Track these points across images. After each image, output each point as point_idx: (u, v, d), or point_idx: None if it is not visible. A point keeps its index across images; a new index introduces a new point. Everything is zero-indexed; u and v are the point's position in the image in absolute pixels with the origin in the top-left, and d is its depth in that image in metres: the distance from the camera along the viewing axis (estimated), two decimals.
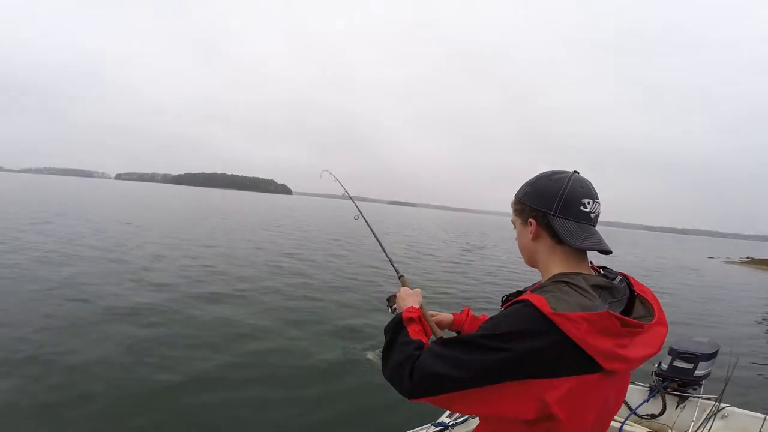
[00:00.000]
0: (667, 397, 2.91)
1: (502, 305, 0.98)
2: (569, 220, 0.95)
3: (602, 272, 0.99)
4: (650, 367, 3.17)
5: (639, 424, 2.77)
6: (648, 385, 3.08)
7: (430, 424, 2.35)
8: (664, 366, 3.04)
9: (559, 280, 0.91)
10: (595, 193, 0.99)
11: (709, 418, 2.46)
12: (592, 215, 0.97)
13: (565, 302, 0.83)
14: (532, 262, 1.06)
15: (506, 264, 15.79)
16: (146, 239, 13.07)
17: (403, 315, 1.09)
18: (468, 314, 1.42)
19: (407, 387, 0.89)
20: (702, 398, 2.87)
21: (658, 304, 0.95)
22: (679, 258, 32.39)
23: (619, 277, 0.96)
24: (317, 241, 17.15)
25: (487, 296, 9.17)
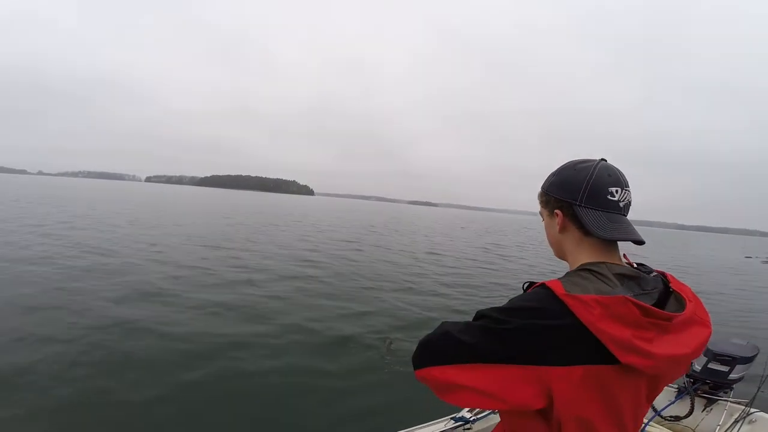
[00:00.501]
0: (696, 399, 2.80)
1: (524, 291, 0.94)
2: (596, 209, 0.91)
3: (636, 266, 0.93)
4: None
5: (661, 425, 2.68)
6: (676, 386, 2.96)
7: (449, 418, 2.30)
8: (697, 367, 2.91)
9: (581, 268, 0.88)
10: (625, 180, 0.93)
11: (737, 422, 2.35)
12: (621, 204, 0.91)
13: (581, 287, 0.79)
14: (560, 254, 1.02)
15: None
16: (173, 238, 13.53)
17: None
18: None
19: (418, 349, 0.87)
20: (731, 402, 2.74)
21: (699, 301, 0.87)
22: (714, 258, 31.09)
23: (654, 273, 0.91)
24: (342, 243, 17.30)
25: None
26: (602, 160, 0.96)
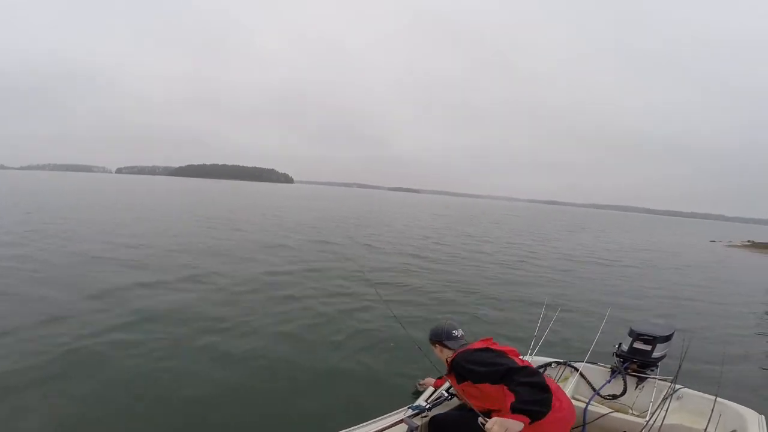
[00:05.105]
0: (627, 378, 2.98)
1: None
2: (450, 340, 2.56)
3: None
4: (611, 348, 3.20)
5: (602, 404, 2.83)
6: (609, 366, 3.12)
7: (407, 407, 2.46)
8: (624, 347, 3.09)
9: (463, 350, 2.44)
10: (458, 324, 2.63)
11: (666, 399, 2.51)
12: (459, 335, 2.58)
13: (465, 346, 2.53)
14: (443, 358, 2.58)
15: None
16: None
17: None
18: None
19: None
20: (659, 379, 2.94)
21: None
22: (679, 242, 32.34)
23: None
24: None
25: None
26: (447, 319, 2.70)
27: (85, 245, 10.25)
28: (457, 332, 2.56)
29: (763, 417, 2.33)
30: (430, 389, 2.76)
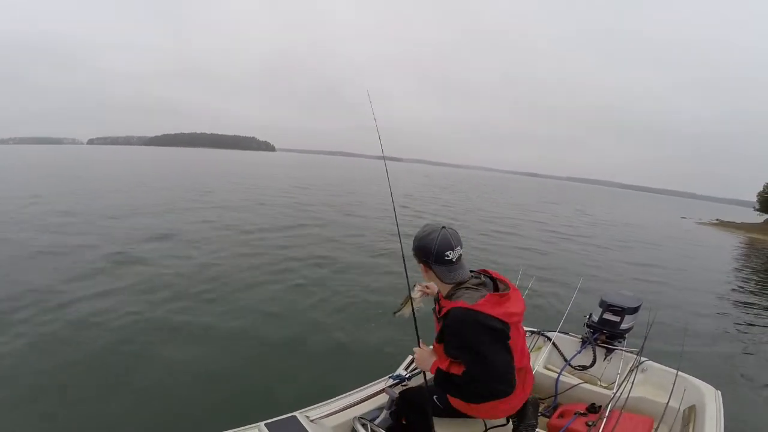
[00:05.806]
0: (597, 349, 3.01)
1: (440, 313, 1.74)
2: (441, 266, 1.69)
3: (472, 273, 1.76)
4: (582, 318, 3.23)
5: (572, 374, 2.88)
6: (580, 336, 3.17)
7: (388, 377, 2.43)
8: (595, 318, 3.14)
9: (458, 288, 1.69)
10: (456, 241, 1.69)
11: (632, 371, 2.55)
12: (453, 259, 1.68)
13: (473, 299, 1.60)
14: (427, 278, 1.82)
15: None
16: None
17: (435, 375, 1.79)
18: None
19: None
20: (626, 351, 2.98)
21: (508, 281, 1.77)
22: (652, 218, 33.41)
23: (483, 275, 1.77)
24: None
25: None
26: (443, 227, 1.70)
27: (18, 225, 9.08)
28: (452, 254, 1.65)
29: (719, 392, 2.37)
30: (409, 357, 2.50)
